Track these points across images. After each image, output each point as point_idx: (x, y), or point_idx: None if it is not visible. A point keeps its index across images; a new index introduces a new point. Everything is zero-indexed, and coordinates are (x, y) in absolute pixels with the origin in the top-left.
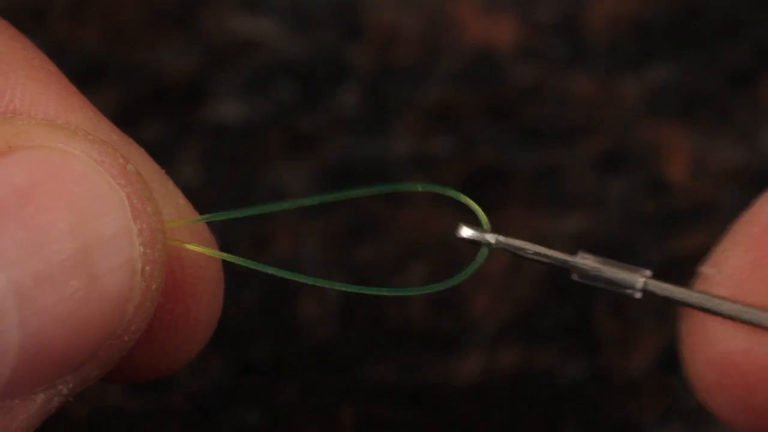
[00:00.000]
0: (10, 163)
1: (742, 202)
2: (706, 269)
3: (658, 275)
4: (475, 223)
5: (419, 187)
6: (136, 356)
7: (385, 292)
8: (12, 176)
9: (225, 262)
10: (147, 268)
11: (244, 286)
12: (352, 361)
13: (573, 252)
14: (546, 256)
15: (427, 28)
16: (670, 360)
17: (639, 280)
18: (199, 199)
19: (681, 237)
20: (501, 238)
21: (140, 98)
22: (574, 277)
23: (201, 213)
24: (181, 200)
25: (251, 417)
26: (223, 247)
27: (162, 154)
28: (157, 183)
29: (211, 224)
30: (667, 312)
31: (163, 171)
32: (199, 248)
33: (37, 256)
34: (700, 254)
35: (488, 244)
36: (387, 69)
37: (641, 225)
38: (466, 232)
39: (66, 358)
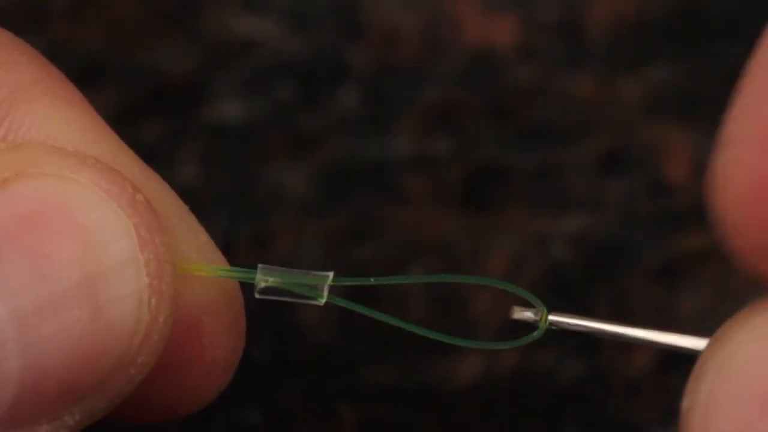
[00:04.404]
0: (16, 190)
1: None
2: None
3: (659, 275)
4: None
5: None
6: (149, 395)
7: (463, 343)
8: (18, 204)
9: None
10: (153, 300)
11: (244, 286)
12: (353, 361)
13: None
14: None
15: (427, 28)
16: (670, 360)
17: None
18: (199, 199)
19: (681, 237)
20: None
21: (140, 98)
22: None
23: (200, 213)
24: (203, 237)
25: (251, 417)
26: (224, 248)
27: (162, 154)
28: (179, 218)
29: (211, 226)
30: (667, 312)
31: (187, 207)
32: (208, 269)
33: (40, 285)
34: (699, 254)
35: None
36: (387, 69)
37: (641, 225)
38: (518, 314)
39: (69, 389)
